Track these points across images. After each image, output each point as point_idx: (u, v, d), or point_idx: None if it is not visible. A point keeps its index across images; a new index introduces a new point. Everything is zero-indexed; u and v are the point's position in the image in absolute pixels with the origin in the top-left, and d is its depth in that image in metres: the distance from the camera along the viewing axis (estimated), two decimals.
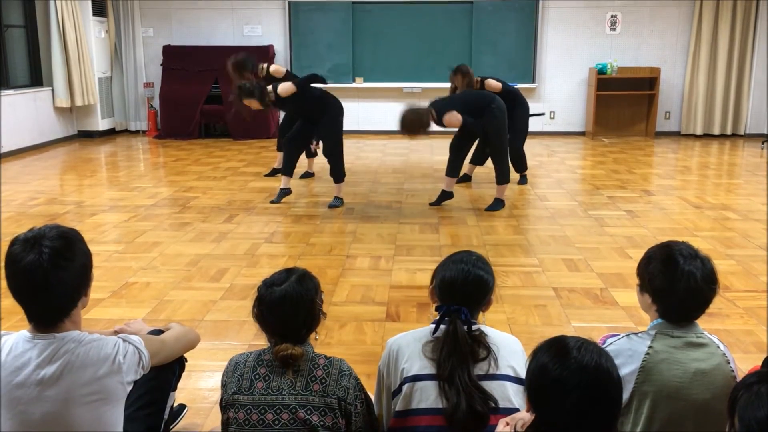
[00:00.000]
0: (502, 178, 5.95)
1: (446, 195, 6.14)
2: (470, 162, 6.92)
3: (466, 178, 7.10)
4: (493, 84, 6.53)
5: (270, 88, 5.74)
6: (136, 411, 2.05)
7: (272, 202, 6.16)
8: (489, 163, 7.44)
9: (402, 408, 1.97)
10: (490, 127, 5.70)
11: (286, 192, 6.23)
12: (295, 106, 5.97)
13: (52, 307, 1.78)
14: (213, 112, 10.35)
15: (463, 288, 2.01)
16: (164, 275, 4.28)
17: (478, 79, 6.58)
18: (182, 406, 2.66)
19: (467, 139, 6.04)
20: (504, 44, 10.41)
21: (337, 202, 6.07)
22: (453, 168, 6.09)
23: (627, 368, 1.92)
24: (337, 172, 6.09)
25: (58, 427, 1.76)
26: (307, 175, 7.35)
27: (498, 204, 5.99)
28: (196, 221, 5.55)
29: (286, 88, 5.71)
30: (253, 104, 5.72)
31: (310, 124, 6.07)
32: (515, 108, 6.61)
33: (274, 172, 7.40)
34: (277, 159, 7.44)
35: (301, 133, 6.15)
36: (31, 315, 1.80)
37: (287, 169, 6.20)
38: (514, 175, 6.66)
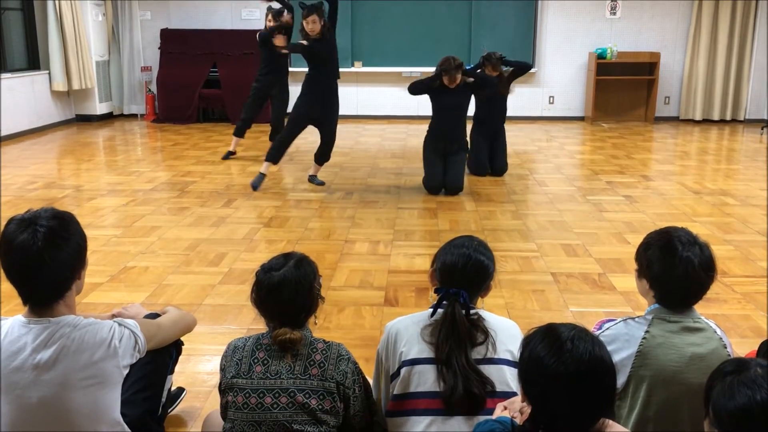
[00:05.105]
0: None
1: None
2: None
3: None
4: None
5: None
6: (134, 394, 2.06)
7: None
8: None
9: (400, 391, 1.97)
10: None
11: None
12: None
13: (47, 286, 1.78)
14: (211, 96, 10.30)
15: (463, 273, 2.01)
16: (163, 259, 4.27)
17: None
18: (181, 390, 2.67)
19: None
20: (504, 28, 10.34)
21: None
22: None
23: (624, 353, 1.93)
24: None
25: (55, 411, 1.76)
26: (230, 154, 7.59)
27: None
28: (194, 206, 5.54)
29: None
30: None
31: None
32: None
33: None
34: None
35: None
36: (26, 296, 1.80)
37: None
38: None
